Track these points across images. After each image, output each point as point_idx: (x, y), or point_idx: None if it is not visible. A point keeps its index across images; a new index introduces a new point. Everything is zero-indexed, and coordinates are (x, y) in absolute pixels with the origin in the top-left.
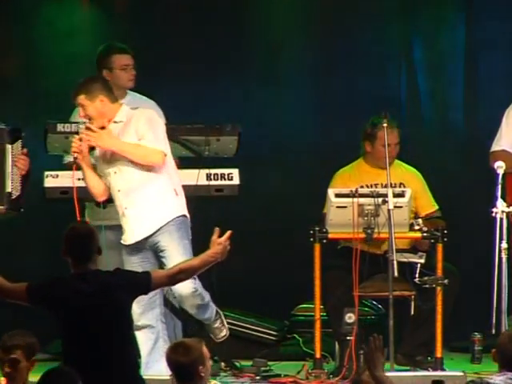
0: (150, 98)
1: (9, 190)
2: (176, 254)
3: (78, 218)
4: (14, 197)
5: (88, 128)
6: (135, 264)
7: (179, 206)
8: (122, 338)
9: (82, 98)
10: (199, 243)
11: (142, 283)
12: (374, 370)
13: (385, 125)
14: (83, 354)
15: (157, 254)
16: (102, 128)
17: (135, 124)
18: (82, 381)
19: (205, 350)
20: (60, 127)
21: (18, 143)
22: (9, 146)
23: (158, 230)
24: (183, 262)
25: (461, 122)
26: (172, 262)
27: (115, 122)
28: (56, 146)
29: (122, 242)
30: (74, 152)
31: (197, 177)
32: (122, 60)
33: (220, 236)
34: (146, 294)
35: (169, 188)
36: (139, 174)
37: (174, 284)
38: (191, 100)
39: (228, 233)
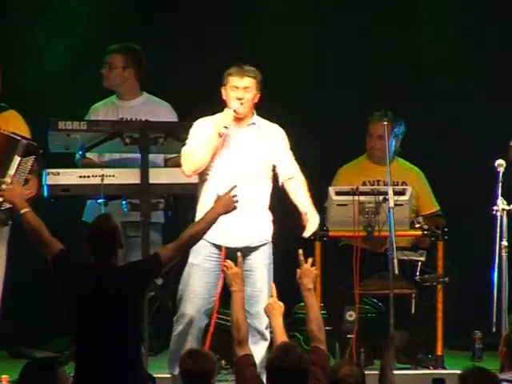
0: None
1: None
2: (263, 275)
3: None
4: (3, 208)
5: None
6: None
7: None
8: (129, 332)
9: (253, 82)
10: None
11: (152, 268)
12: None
13: (385, 123)
14: (89, 345)
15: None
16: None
17: (273, 138)
18: (87, 369)
19: (215, 361)
20: (61, 125)
21: (30, 159)
22: (17, 158)
23: (261, 245)
24: (188, 229)
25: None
26: (260, 281)
27: (255, 124)
28: (57, 144)
29: (216, 242)
30: (226, 127)
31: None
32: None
33: None
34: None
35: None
36: (268, 188)
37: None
38: (191, 98)
39: (231, 188)
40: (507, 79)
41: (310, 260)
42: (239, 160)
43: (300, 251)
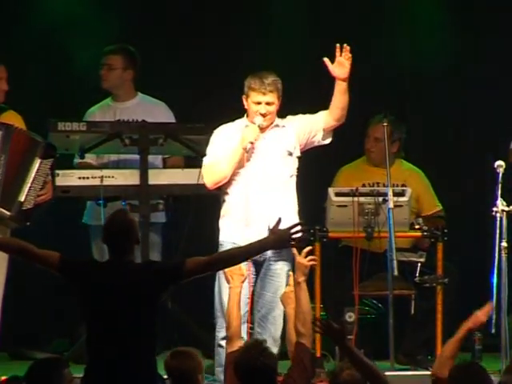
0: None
1: (21, 199)
2: (285, 281)
3: None
4: (24, 208)
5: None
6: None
7: None
8: (143, 332)
9: (274, 96)
10: (200, 242)
11: (172, 272)
12: (342, 340)
13: (385, 124)
14: (103, 342)
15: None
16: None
17: (291, 126)
18: (100, 365)
19: (201, 360)
20: (61, 126)
21: (49, 161)
22: (38, 160)
23: (286, 251)
24: (226, 250)
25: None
26: (282, 288)
27: (278, 126)
28: (56, 145)
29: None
30: (252, 142)
31: (198, 176)
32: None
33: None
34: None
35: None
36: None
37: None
38: (192, 99)
39: (278, 221)
40: (508, 79)
41: (304, 251)
42: (264, 164)
43: (294, 250)
